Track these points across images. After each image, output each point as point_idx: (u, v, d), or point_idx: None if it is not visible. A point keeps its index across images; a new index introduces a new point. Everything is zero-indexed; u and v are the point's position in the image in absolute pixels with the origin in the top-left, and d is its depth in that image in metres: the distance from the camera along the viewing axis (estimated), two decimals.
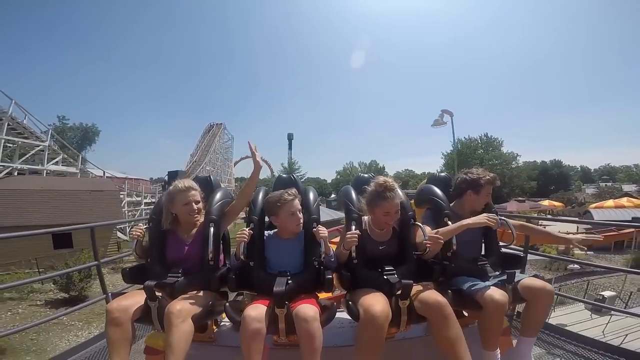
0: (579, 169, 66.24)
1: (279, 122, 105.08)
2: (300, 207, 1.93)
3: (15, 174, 16.00)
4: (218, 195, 2.06)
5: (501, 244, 2.24)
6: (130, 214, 19.88)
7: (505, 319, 1.93)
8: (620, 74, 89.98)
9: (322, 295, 2.00)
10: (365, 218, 2.02)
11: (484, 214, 1.95)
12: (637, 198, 29.25)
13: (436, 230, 1.90)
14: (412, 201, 2.22)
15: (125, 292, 1.82)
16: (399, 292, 1.73)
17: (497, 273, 1.98)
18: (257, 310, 1.64)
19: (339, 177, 53.91)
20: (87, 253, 10.48)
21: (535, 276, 1.99)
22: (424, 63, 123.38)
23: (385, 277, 1.82)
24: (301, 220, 1.94)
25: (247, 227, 1.93)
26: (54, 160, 17.08)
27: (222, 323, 2.10)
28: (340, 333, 1.98)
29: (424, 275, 1.94)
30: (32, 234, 2.54)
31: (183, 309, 1.62)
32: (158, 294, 1.70)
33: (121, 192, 19.57)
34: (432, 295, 1.74)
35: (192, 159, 40.16)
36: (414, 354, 1.93)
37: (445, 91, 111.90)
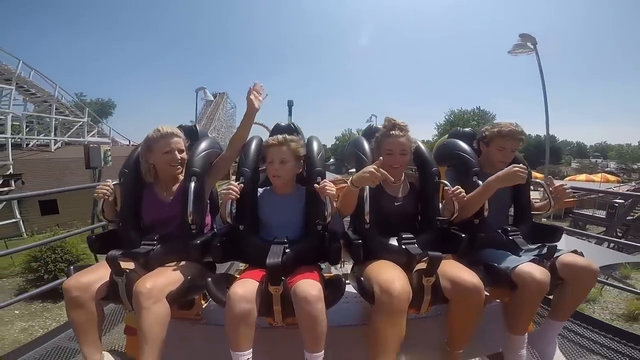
0: (575, 145, 66.01)
1: (278, 89, 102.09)
2: (292, 153, 1.54)
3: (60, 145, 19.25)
4: (203, 145, 1.63)
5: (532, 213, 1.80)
6: None
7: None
8: (628, 51, 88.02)
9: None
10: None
11: (512, 165, 1.49)
12: (615, 175, 31.11)
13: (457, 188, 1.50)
14: None
15: (91, 266, 1.44)
16: (425, 266, 1.32)
17: (534, 247, 1.59)
18: (245, 287, 1.26)
19: (337, 142, 55.78)
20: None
21: (574, 252, 1.57)
22: (422, 27, 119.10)
23: (403, 246, 1.43)
24: (294, 170, 1.56)
25: (236, 181, 1.52)
26: (91, 133, 19.14)
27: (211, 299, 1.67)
28: (344, 309, 1.64)
29: (445, 246, 1.49)
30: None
31: (154, 287, 1.26)
32: (125, 266, 1.33)
33: None
34: (467, 275, 1.32)
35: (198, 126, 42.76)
36: (424, 333, 1.58)
37: (446, 59, 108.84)
